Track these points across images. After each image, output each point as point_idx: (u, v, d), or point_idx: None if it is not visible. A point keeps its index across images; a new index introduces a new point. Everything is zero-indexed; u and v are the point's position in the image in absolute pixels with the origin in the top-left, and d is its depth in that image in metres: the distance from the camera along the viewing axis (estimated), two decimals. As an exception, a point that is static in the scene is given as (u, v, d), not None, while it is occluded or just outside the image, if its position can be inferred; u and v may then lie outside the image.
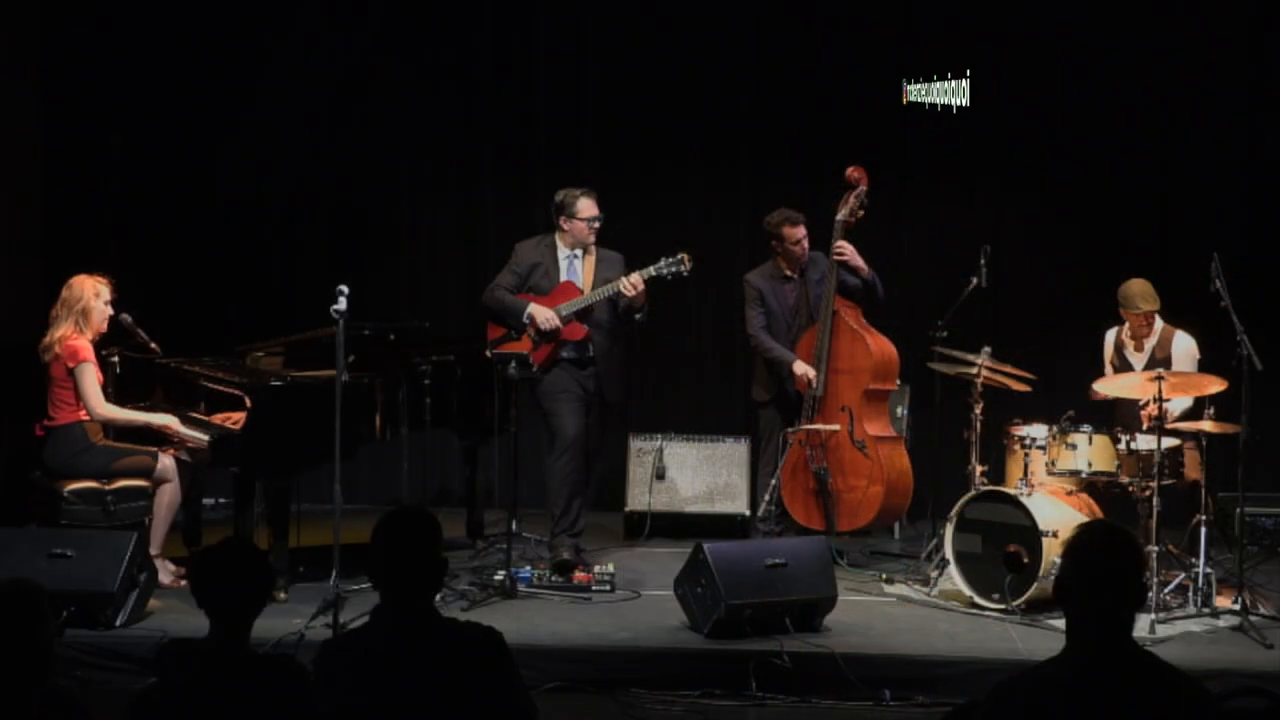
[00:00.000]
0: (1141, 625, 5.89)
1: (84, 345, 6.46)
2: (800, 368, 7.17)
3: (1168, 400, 6.51)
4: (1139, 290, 6.94)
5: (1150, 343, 7.03)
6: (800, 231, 7.25)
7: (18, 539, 6.08)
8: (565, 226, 7.05)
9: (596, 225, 7.05)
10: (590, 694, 5.52)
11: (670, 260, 6.96)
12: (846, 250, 7.21)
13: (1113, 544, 3.07)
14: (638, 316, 7.05)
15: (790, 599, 5.96)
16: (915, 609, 6.50)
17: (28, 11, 8.69)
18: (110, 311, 6.59)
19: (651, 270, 6.95)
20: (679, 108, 8.60)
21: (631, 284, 6.86)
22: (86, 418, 6.49)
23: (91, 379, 6.46)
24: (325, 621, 5.72)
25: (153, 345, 6.86)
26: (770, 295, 7.32)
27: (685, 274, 7.03)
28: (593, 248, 7.12)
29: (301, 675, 3.39)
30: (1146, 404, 6.49)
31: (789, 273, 7.33)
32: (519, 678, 3.48)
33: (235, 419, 6.50)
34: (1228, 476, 6.92)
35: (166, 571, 6.51)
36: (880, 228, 7.87)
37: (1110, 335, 7.23)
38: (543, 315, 6.95)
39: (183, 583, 6.41)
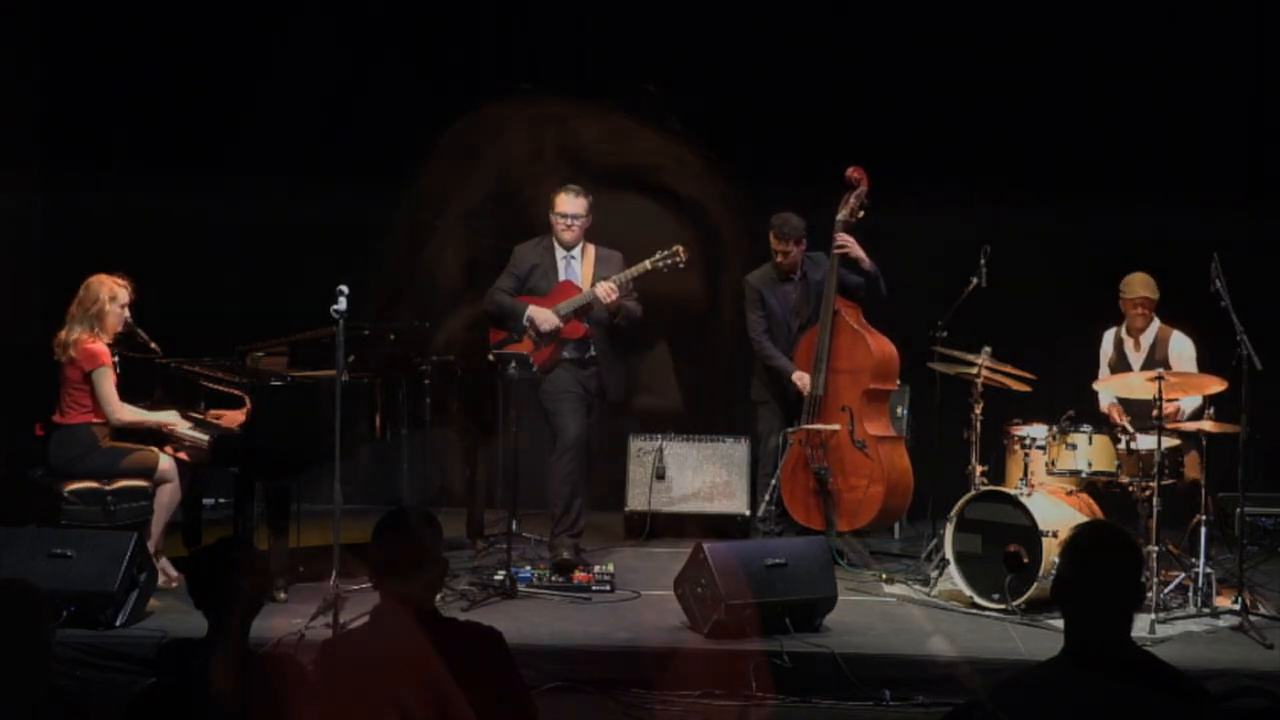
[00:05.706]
0: (1141, 625, 5.89)
1: (101, 349, 6.46)
2: (800, 378, 7.16)
3: (1178, 399, 6.51)
4: (1140, 278, 6.97)
5: (1149, 342, 7.03)
6: (784, 245, 7.21)
7: (18, 539, 6.07)
8: (551, 223, 7.06)
9: (572, 223, 7.01)
10: (590, 694, 5.51)
11: (665, 253, 6.97)
12: (848, 242, 7.19)
13: (1111, 544, 3.07)
14: (616, 320, 7.04)
15: (790, 599, 5.96)
16: (915, 609, 6.50)
17: (28, 10, 8.69)
18: (127, 315, 6.58)
19: (647, 264, 6.97)
20: (679, 107, 8.58)
21: (605, 291, 6.85)
22: (96, 419, 6.48)
23: (109, 383, 6.46)
24: (325, 621, 5.72)
25: (153, 345, 6.85)
26: (770, 296, 7.31)
27: (681, 265, 7.03)
28: (591, 246, 7.11)
29: (301, 675, 3.39)
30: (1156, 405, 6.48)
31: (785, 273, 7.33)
32: (519, 678, 3.48)
33: (234, 419, 6.50)
34: (1228, 476, 6.92)
35: (163, 572, 6.50)
36: (880, 228, 7.86)
37: (1109, 334, 7.23)
38: (542, 316, 6.95)
39: (174, 584, 6.42)
